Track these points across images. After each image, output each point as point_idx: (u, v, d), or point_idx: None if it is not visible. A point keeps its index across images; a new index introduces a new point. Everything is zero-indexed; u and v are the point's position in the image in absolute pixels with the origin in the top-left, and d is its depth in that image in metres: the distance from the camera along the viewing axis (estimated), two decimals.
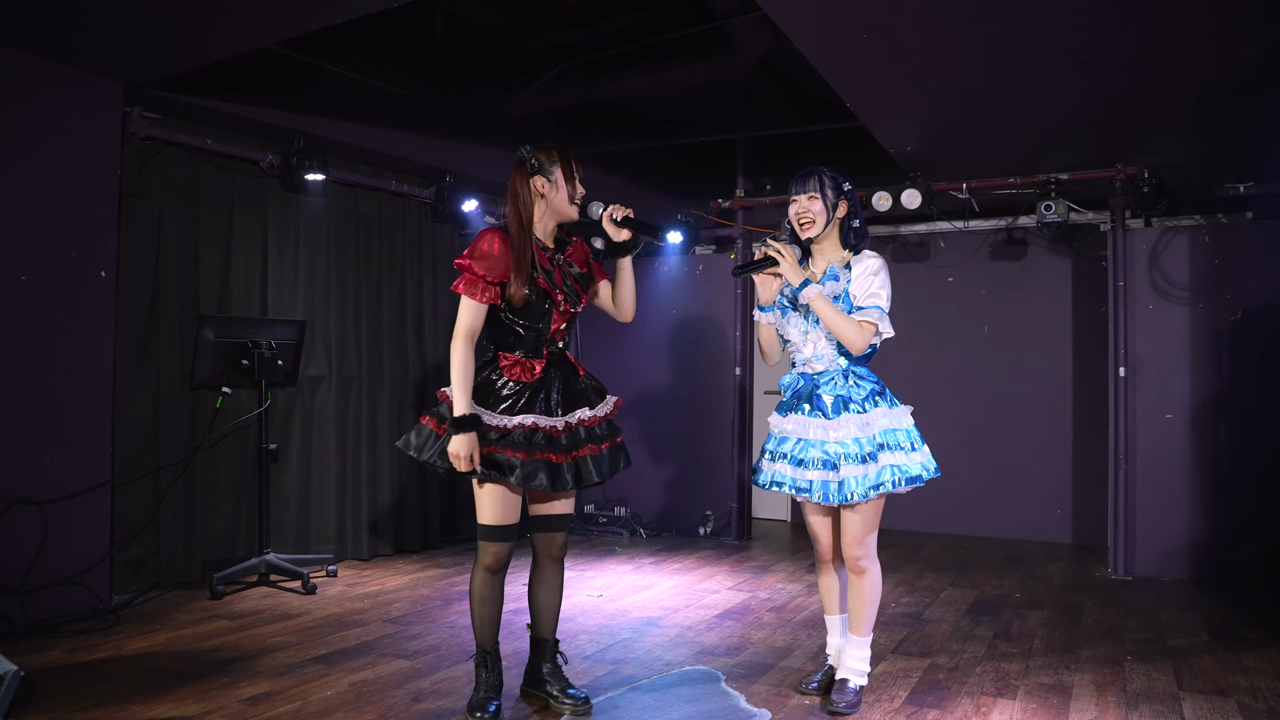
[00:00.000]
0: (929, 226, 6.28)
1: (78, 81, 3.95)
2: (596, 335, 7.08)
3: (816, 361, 2.87)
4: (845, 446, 2.78)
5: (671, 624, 4.02)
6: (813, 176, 2.87)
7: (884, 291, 2.81)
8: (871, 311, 2.78)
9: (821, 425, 2.82)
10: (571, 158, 2.81)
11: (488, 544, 2.75)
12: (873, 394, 2.84)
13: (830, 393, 2.84)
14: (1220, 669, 3.43)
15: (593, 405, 2.85)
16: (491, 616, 2.83)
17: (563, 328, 2.83)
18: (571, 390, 2.84)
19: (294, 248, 5.10)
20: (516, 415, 2.71)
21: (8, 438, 3.74)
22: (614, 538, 6.29)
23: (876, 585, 2.92)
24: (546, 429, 2.73)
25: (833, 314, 2.76)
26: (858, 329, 2.76)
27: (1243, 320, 5.11)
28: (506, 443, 2.67)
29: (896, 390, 4.69)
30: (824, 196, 2.85)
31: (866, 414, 2.80)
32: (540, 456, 2.69)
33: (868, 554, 2.88)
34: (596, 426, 2.83)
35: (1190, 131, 4.73)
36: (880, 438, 2.79)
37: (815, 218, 2.85)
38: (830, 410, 2.82)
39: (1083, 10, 3.29)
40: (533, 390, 2.76)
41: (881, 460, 2.77)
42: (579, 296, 2.85)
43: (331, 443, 5.21)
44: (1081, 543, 6.08)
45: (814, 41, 3.68)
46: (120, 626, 3.82)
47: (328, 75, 4.57)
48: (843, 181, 2.89)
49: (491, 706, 2.77)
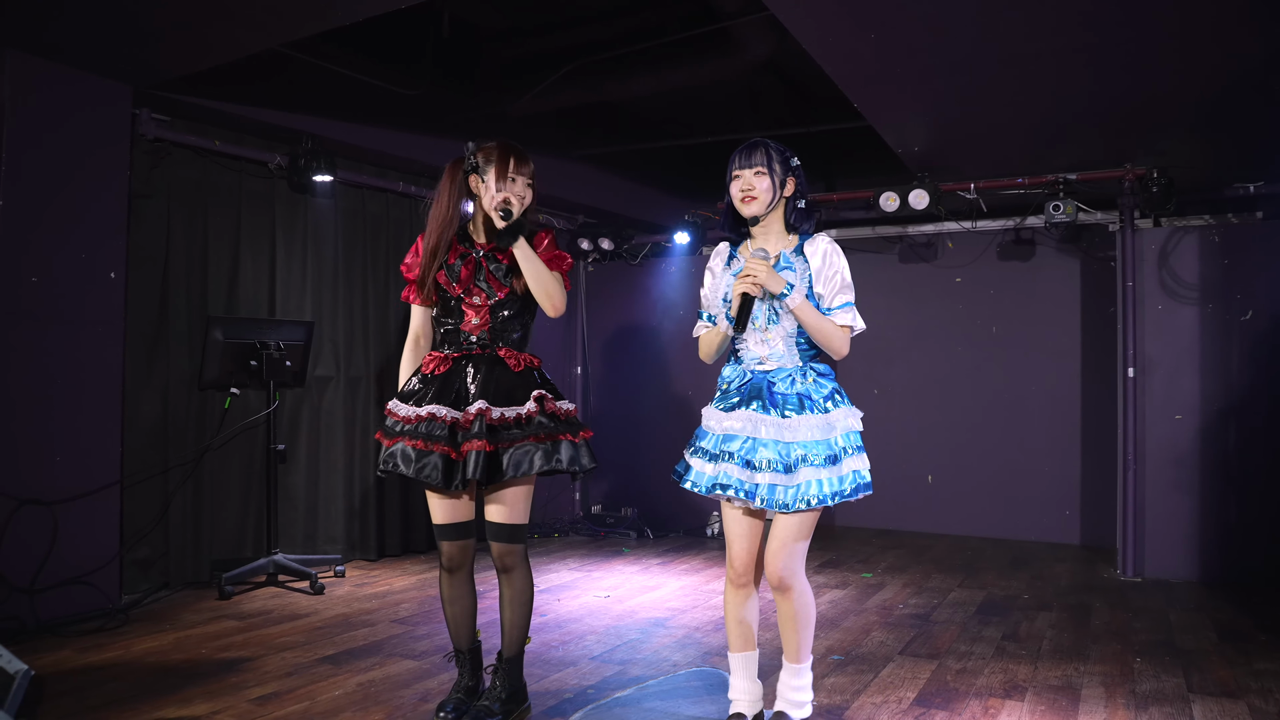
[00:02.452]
0: (936, 227, 6.26)
1: (86, 84, 3.97)
2: (600, 337, 7.08)
3: (772, 360, 2.55)
4: (807, 448, 2.45)
5: (679, 625, 4.02)
6: (759, 149, 2.55)
7: (850, 281, 2.55)
8: (846, 312, 2.52)
9: (776, 424, 2.47)
10: (512, 156, 2.68)
11: (439, 542, 2.75)
12: (834, 393, 2.54)
13: (787, 390, 2.51)
14: (1230, 671, 3.41)
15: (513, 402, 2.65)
16: (456, 616, 2.81)
17: (482, 323, 2.70)
18: (487, 384, 2.66)
19: (302, 249, 5.12)
20: (421, 406, 2.64)
21: (17, 438, 3.76)
22: (621, 538, 6.29)
23: (808, 605, 2.55)
24: (445, 419, 2.61)
25: (818, 322, 2.48)
26: (842, 335, 2.50)
27: (1253, 320, 5.08)
28: (409, 433, 2.62)
29: (904, 391, 4.74)
30: (771, 172, 2.53)
31: (829, 414, 2.49)
32: (438, 449, 2.58)
33: (795, 574, 2.49)
34: (501, 424, 2.61)
35: (1198, 131, 4.70)
36: (843, 440, 2.49)
37: (760, 194, 2.52)
38: (786, 408, 2.49)
39: (1089, 9, 3.28)
40: (442, 381, 2.68)
41: (845, 465, 2.47)
42: (497, 290, 2.70)
43: (339, 443, 5.22)
44: (1090, 544, 6.06)
45: (820, 41, 3.67)
46: (129, 626, 3.84)
47: (334, 77, 4.58)
48: (790, 156, 2.58)
49: (449, 707, 2.74)
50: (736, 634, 2.65)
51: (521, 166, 2.70)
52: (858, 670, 3.39)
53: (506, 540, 2.71)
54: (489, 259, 2.74)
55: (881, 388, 6.67)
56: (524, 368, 2.73)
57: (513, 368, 2.71)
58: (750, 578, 2.63)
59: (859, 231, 6.49)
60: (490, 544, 2.73)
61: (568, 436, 2.69)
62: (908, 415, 6.58)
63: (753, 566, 2.62)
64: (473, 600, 2.84)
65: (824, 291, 2.52)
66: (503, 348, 2.72)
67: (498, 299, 2.72)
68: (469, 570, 2.81)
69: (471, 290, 2.71)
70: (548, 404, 2.69)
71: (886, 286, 6.70)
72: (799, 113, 5.83)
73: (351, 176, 5.29)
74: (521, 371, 2.72)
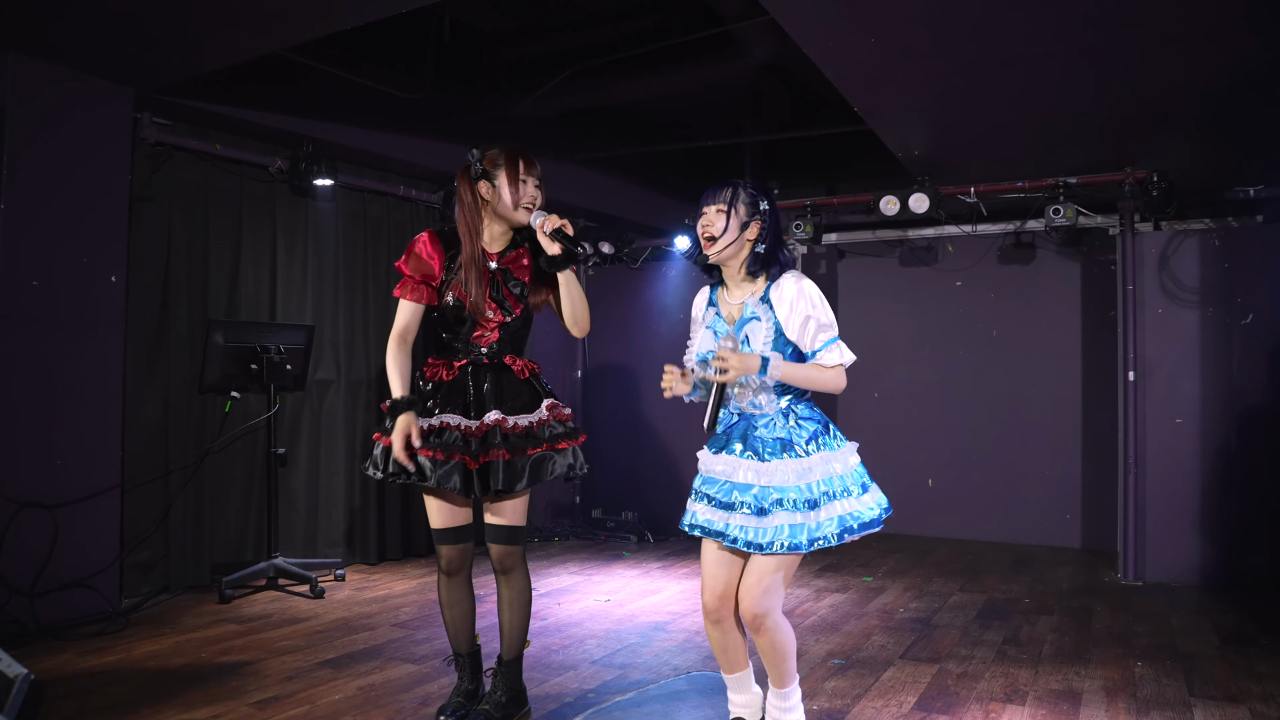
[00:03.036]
0: (937, 230, 6.26)
1: (88, 87, 3.97)
2: (600, 341, 7.08)
3: (754, 408, 2.49)
4: (783, 491, 2.38)
5: (679, 629, 4.02)
6: (726, 188, 2.47)
7: (827, 317, 2.42)
8: (831, 351, 2.40)
9: (754, 469, 2.43)
10: (521, 159, 2.65)
11: (438, 546, 2.75)
12: (815, 435, 2.45)
13: (769, 434, 2.45)
14: (1232, 675, 3.40)
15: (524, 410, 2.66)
16: (455, 620, 2.80)
17: (491, 336, 2.69)
18: (497, 392, 2.66)
19: (302, 252, 5.12)
20: (433, 416, 2.63)
21: (19, 441, 3.76)
22: (622, 542, 6.29)
23: (786, 639, 2.48)
24: (461, 429, 2.60)
25: (805, 374, 2.39)
26: (833, 376, 2.40)
27: (1253, 324, 5.08)
28: (424, 443, 2.60)
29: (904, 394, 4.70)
30: (732, 212, 2.43)
31: (807, 459, 2.42)
32: (457, 458, 2.58)
33: (769, 612, 2.41)
34: (516, 433, 2.62)
35: (1199, 134, 4.71)
36: (823, 485, 2.40)
37: (715, 234, 2.43)
38: (765, 453, 2.43)
39: (1090, 12, 3.29)
40: (449, 389, 2.67)
41: (824, 511, 2.39)
42: (514, 308, 2.69)
43: (340, 447, 5.22)
44: (1091, 547, 6.05)
45: (821, 44, 3.68)
46: (130, 630, 3.83)
47: (336, 80, 4.59)
48: (761, 200, 2.47)
49: (450, 711, 2.75)
50: (724, 660, 2.63)
51: (531, 169, 2.68)
52: (858, 674, 3.39)
53: (506, 542, 2.71)
54: (505, 275, 2.70)
55: (882, 391, 6.67)
56: (528, 375, 2.73)
57: (518, 374, 2.71)
58: (723, 614, 2.56)
59: (859, 235, 6.50)
60: (489, 546, 2.73)
61: (574, 442, 2.73)
62: (908, 419, 6.57)
63: (725, 605, 2.55)
64: (471, 604, 2.84)
65: (801, 338, 2.42)
66: (508, 355, 2.73)
67: (514, 316, 2.71)
68: (468, 574, 2.81)
69: (486, 306, 2.67)
70: (558, 411, 2.73)
71: (887, 290, 6.70)
72: (801, 116, 5.83)
73: (353, 180, 5.29)
74: (526, 379, 2.73)
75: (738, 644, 2.60)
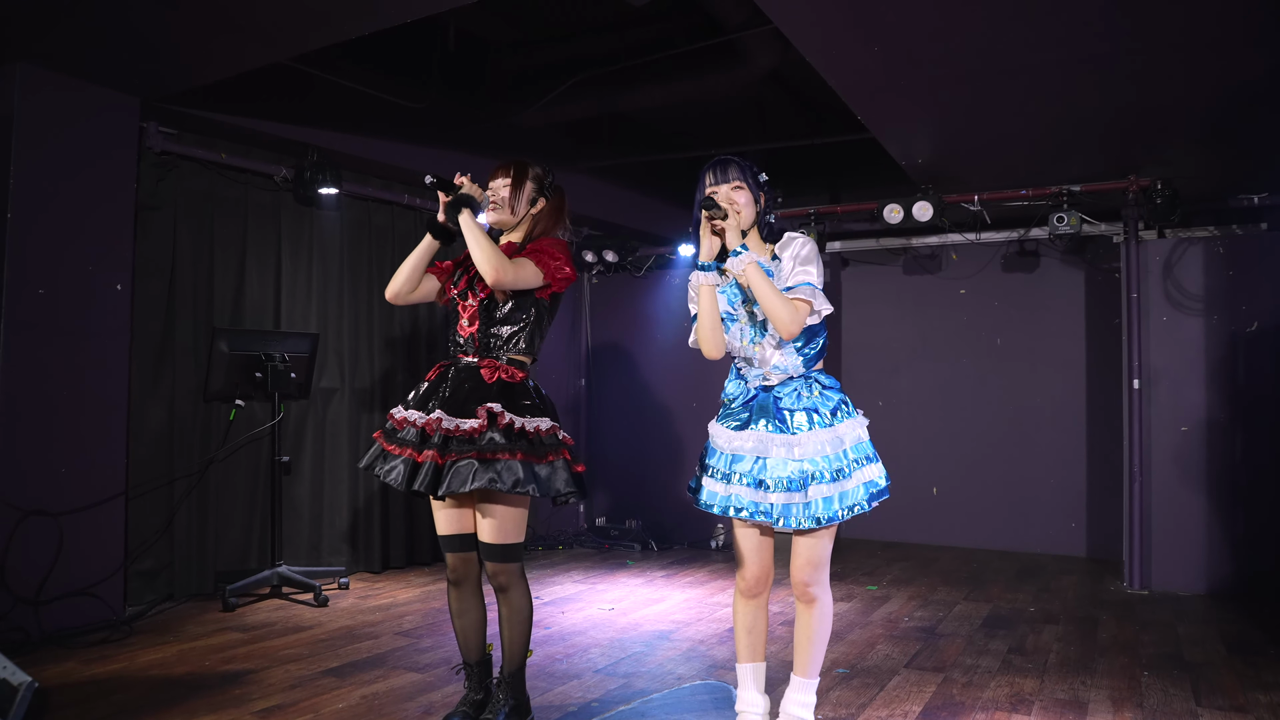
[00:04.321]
0: (941, 239, 6.27)
1: (94, 96, 4.00)
2: (605, 349, 7.09)
3: (775, 374, 2.53)
4: (815, 464, 2.44)
5: (684, 637, 4.01)
6: (733, 165, 2.55)
7: (813, 267, 2.48)
8: (803, 289, 2.45)
9: (785, 443, 2.46)
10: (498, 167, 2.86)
11: (444, 554, 2.76)
12: (840, 404, 2.52)
13: (794, 405, 2.49)
14: (1239, 685, 3.39)
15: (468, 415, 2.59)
16: (464, 629, 2.80)
17: (473, 325, 2.71)
18: (457, 394, 2.63)
19: (307, 260, 5.13)
20: (408, 411, 2.68)
21: (23, 449, 3.77)
22: (626, 551, 6.28)
23: (827, 618, 2.57)
24: (416, 425, 2.62)
25: (768, 289, 2.41)
26: (792, 309, 2.41)
27: (1258, 331, 5.07)
28: (388, 434, 2.68)
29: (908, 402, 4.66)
30: (749, 185, 2.55)
31: (836, 427, 2.48)
32: (404, 453, 2.59)
33: (822, 581, 2.53)
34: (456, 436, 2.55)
35: (1203, 142, 4.71)
36: (853, 452, 2.49)
37: (743, 209, 2.51)
38: (794, 425, 2.47)
39: (1094, 21, 3.29)
40: (429, 388, 2.72)
41: (855, 478, 2.47)
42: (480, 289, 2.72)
43: (344, 455, 5.22)
44: (1096, 556, 6.03)
45: (825, 54, 3.69)
46: (133, 638, 3.83)
47: (341, 89, 4.61)
48: (758, 171, 2.61)
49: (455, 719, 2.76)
50: (745, 644, 2.66)
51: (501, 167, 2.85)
52: (863, 683, 3.38)
53: (499, 560, 2.66)
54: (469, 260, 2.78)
55: (886, 399, 6.66)
56: (495, 380, 2.64)
57: (485, 379, 2.64)
58: (760, 589, 2.65)
59: (863, 243, 6.50)
60: (485, 564, 2.71)
61: (531, 457, 2.56)
62: (913, 427, 6.56)
63: (764, 580, 2.65)
64: (481, 613, 2.82)
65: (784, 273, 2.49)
66: (488, 358, 2.69)
67: (481, 298, 2.74)
68: (475, 583, 2.81)
69: (466, 294, 2.77)
70: (501, 419, 2.56)
71: (891, 298, 6.70)
72: (804, 125, 5.85)
73: (357, 189, 5.31)
74: (492, 384, 2.63)
75: (763, 628, 2.68)
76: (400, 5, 3.28)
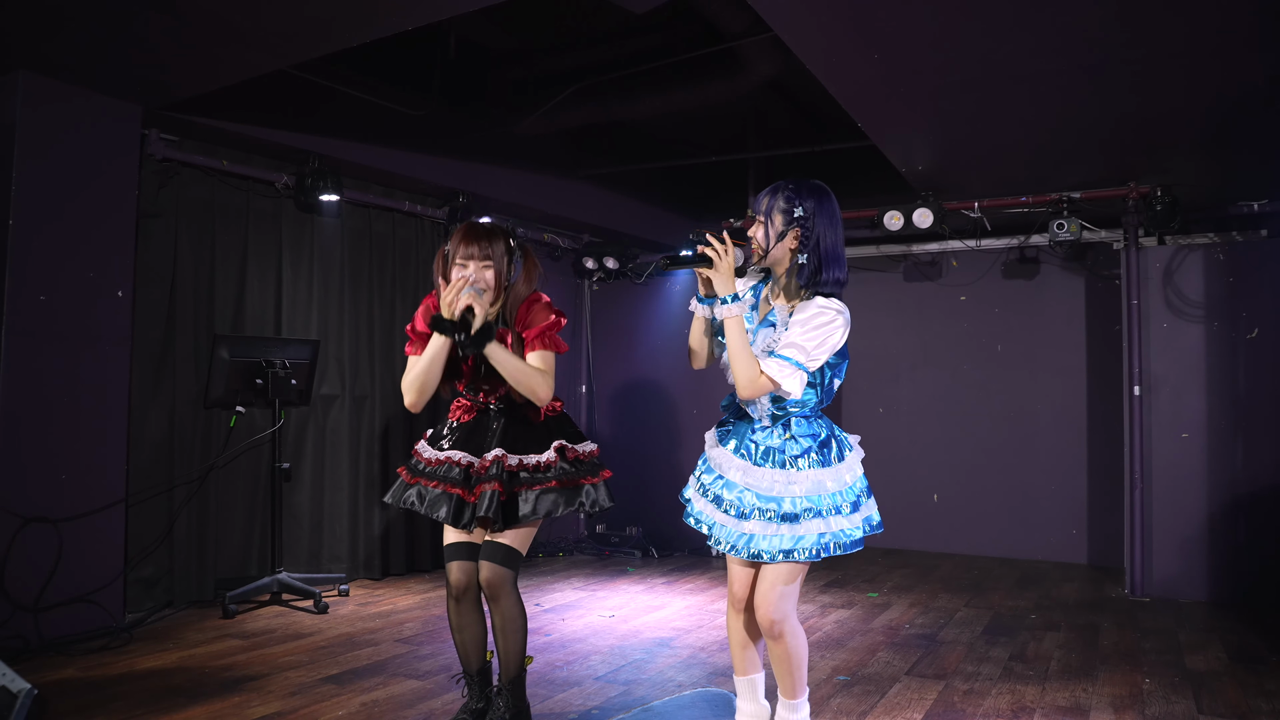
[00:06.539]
0: (941, 245, 6.27)
1: (97, 104, 4.01)
2: (605, 356, 7.09)
3: (749, 408, 2.46)
4: (760, 500, 2.37)
5: (684, 645, 4.00)
6: (764, 197, 2.38)
7: (808, 343, 2.27)
8: (774, 363, 2.27)
9: (742, 469, 2.42)
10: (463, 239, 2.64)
11: (446, 564, 2.77)
12: (808, 451, 2.39)
13: (763, 440, 2.43)
14: (1241, 692, 3.38)
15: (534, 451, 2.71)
16: (465, 643, 2.79)
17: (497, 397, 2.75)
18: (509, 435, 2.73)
19: (308, 267, 5.14)
20: (443, 450, 2.74)
21: (24, 456, 3.77)
22: (626, 558, 6.27)
23: (800, 648, 2.46)
24: (461, 464, 2.70)
25: (738, 346, 2.29)
26: (751, 376, 2.27)
27: (1258, 338, 5.07)
28: (427, 474, 2.72)
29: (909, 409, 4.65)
30: (768, 223, 2.37)
31: (794, 472, 2.37)
32: (450, 489, 2.68)
33: (785, 618, 2.39)
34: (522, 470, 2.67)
35: (1203, 149, 4.72)
36: (806, 501, 2.35)
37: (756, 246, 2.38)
38: (756, 456, 2.42)
39: (1094, 29, 3.30)
40: (467, 430, 2.78)
41: (804, 526, 2.34)
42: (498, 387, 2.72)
43: (344, 462, 5.22)
44: (1097, 563, 6.02)
45: (825, 62, 3.70)
46: (133, 645, 3.83)
47: (342, 97, 4.62)
48: (797, 206, 2.33)
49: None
50: (740, 658, 2.64)
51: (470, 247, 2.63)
52: (864, 691, 3.37)
53: (501, 562, 2.65)
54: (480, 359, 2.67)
55: (886, 406, 6.66)
56: (544, 418, 2.80)
57: (533, 419, 2.78)
58: (743, 608, 2.59)
59: (863, 250, 6.51)
60: (480, 564, 2.66)
61: (589, 480, 2.76)
62: (913, 434, 6.56)
63: (744, 599, 2.58)
64: (482, 628, 2.81)
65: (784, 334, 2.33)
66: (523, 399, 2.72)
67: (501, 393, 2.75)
68: (476, 598, 2.78)
69: (477, 386, 2.76)
70: (569, 452, 2.76)
71: (891, 305, 6.71)
72: (804, 132, 5.86)
73: (358, 196, 5.32)
74: (542, 422, 2.79)
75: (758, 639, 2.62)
76: (401, 13, 3.29)
